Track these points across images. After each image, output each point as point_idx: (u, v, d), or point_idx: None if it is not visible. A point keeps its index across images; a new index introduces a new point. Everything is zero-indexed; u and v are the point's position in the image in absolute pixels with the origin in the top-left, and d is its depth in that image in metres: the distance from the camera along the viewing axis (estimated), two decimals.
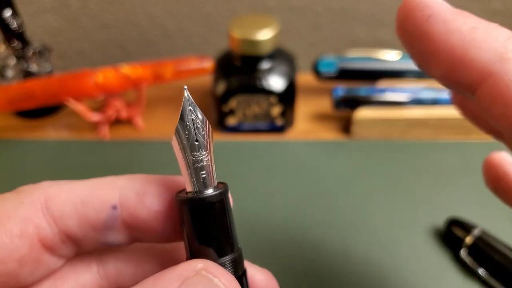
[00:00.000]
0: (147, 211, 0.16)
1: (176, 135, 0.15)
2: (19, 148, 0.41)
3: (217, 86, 0.41)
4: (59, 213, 0.15)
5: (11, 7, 0.40)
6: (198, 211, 0.15)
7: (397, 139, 0.41)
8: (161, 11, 0.52)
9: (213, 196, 0.15)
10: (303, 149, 0.41)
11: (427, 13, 0.14)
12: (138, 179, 0.16)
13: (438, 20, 0.14)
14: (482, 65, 0.13)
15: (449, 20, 0.14)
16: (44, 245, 0.15)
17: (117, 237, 0.16)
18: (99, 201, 0.16)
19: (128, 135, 0.43)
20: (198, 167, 0.15)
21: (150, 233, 0.16)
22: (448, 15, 0.14)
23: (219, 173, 0.16)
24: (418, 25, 0.14)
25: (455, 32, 0.13)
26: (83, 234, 0.16)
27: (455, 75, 0.14)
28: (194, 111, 0.15)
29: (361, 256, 0.31)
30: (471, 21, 0.14)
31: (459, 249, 0.30)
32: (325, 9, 0.52)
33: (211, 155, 0.16)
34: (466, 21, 0.14)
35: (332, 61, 0.43)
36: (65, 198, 0.16)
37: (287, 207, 0.34)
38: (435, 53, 0.14)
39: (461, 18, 0.14)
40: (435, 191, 0.36)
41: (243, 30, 0.38)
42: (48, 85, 0.41)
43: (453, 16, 0.14)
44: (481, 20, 0.14)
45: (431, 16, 0.14)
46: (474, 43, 0.13)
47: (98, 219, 0.16)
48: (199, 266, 0.14)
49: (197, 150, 0.15)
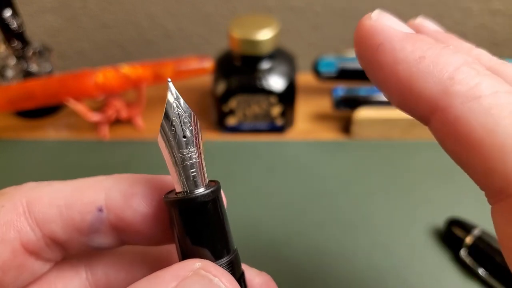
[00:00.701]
0: (134, 213, 0.15)
1: (162, 132, 0.14)
2: (19, 148, 0.41)
3: (217, 86, 0.41)
4: (42, 216, 0.15)
5: (11, 7, 0.40)
6: (190, 212, 0.14)
7: (397, 139, 0.41)
8: (161, 11, 0.52)
9: (205, 195, 0.14)
10: (303, 149, 0.41)
11: (377, 41, 0.13)
12: (125, 180, 0.16)
13: (387, 49, 0.13)
14: (428, 99, 0.12)
15: (397, 49, 0.13)
16: (28, 250, 0.15)
17: (104, 240, 0.16)
18: (84, 203, 0.15)
19: (128, 135, 0.43)
20: (187, 165, 0.14)
21: (138, 235, 0.16)
22: (397, 43, 0.13)
23: (219, 173, 0.16)
24: (369, 54, 0.13)
25: (402, 62, 0.13)
26: (68, 237, 0.15)
27: (407, 106, 0.13)
28: (180, 105, 0.14)
29: (361, 256, 0.31)
30: (420, 48, 0.13)
31: (459, 249, 0.30)
32: (325, 9, 0.52)
33: (200, 152, 0.15)
34: (415, 48, 0.13)
35: (332, 61, 0.43)
36: (49, 200, 0.15)
37: (287, 207, 0.34)
38: (386, 83, 0.13)
39: (410, 45, 0.13)
40: (435, 191, 0.36)
41: (243, 30, 0.38)
42: (48, 85, 0.41)
43: (401, 44, 0.13)
44: (433, 46, 0.13)
45: (381, 45, 0.13)
46: (420, 74, 0.12)
47: (84, 222, 0.15)
48: (197, 266, 0.13)
49: (185, 147, 0.14)
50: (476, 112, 0.11)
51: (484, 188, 0.12)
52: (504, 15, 0.50)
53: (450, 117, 0.12)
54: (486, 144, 0.11)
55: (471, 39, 0.53)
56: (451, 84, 0.12)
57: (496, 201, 0.12)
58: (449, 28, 0.60)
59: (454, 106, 0.12)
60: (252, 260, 0.18)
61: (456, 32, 0.16)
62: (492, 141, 0.11)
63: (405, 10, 0.50)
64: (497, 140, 0.11)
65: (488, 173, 0.11)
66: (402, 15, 0.47)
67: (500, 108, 0.11)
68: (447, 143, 0.12)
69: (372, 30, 0.13)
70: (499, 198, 0.12)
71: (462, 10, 0.50)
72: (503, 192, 0.11)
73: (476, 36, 0.52)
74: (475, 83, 0.12)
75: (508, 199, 0.11)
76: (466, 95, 0.12)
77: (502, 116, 0.11)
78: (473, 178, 0.12)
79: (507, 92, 0.12)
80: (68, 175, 0.17)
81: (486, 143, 0.11)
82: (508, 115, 0.11)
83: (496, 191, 0.12)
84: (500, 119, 0.11)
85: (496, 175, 0.11)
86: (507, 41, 0.53)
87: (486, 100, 0.11)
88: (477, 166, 0.12)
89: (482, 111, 0.11)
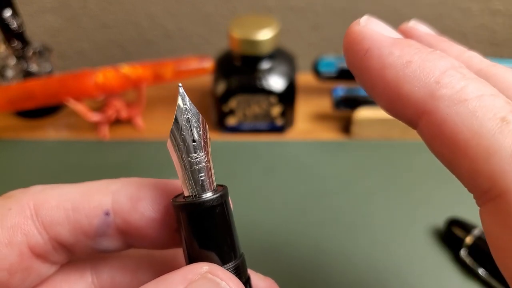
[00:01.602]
0: (141, 217, 0.15)
1: (172, 136, 0.14)
2: (19, 148, 0.41)
3: (217, 86, 0.41)
4: (50, 219, 0.15)
5: (11, 7, 0.40)
6: (198, 216, 0.14)
7: (397, 139, 0.41)
8: (161, 11, 0.52)
9: (213, 200, 0.14)
10: (303, 149, 0.41)
11: (365, 46, 0.13)
12: (132, 183, 0.16)
13: (374, 55, 0.13)
14: (416, 102, 0.12)
15: (385, 54, 0.13)
16: (35, 253, 0.15)
17: (111, 244, 0.16)
18: (91, 206, 0.15)
19: (128, 135, 0.43)
20: (196, 169, 0.14)
21: (145, 239, 0.16)
22: (385, 48, 0.13)
23: (219, 173, 0.16)
24: (357, 59, 0.14)
25: (389, 67, 0.13)
26: (75, 241, 0.15)
27: (395, 111, 0.13)
28: (190, 110, 0.14)
29: (361, 256, 0.31)
30: (407, 53, 0.13)
31: (459, 249, 0.30)
32: (325, 9, 0.52)
33: (209, 156, 0.15)
34: (402, 54, 0.13)
35: (332, 61, 0.43)
36: (56, 203, 0.15)
37: (287, 207, 0.34)
38: (374, 88, 0.13)
39: (397, 51, 0.13)
40: (435, 191, 0.36)
41: (243, 30, 0.38)
42: (48, 85, 0.41)
43: (389, 49, 0.13)
44: (420, 51, 0.13)
45: (368, 50, 0.13)
46: (407, 79, 0.12)
47: (90, 225, 0.15)
48: (205, 269, 0.13)
49: (195, 151, 0.14)
50: (462, 115, 0.12)
51: (471, 189, 0.12)
52: (504, 15, 0.50)
53: (436, 120, 0.12)
54: (471, 146, 0.11)
55: (471, 39, 0.53)
56: (437, 88, 0.12)
57: (484, 202, 0.12)
58: (449, 28, 0.60)
59: (440, 109, 0.12)
60: (252, 260, 0.18)
61: (456, 32, 0.16)
62: (478, 142, 0.11)
63: (405, 10, 0.50)
64: (482, 141, 0.11)
65: (474, 175, 0.12)
66: (402, 15, 0.47)
67: (485, 110, 0.11)
68: (434, 146, 0.13)
69: (360, 35, 0.14)
70: (486, 199, 0.12)
71: (462, 10, 0.50)
72: (490, 193, 0.11)
73: (476, 36, 0.52)
74: (461, 87, 0.12)
75: (494, 200, 0.11)
76: (452, 99, 0.12)
77: (487, 118, 0.11)
78: (461, 180, 0.13)
79: (492, 95, 0.12)
80: (68, 175, 0.17)
81: (472, 145, 0.11)
82: (492, 117, 0.11)
83: (482, 192, 0.12)
84: (485, 121, 0.11)
85: (482, 176, 0.11)
86: (507, 41, 0.53)
87: (472, 103, 0.11)
88: (464, 168, 0.12)
89: (468, 113, 0.11)
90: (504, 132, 0.11)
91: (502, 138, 0.11)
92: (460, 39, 0.52)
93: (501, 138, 0.11)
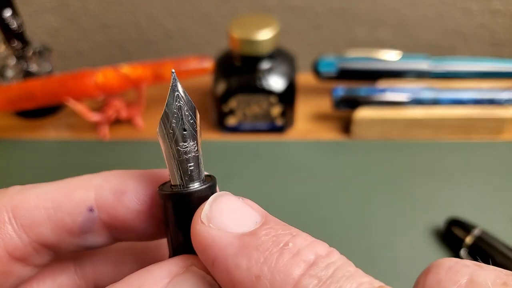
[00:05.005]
0: (126, 210, 0.15)
1: (162, 123, 0.14)
2: (19, 148, 0.41)
3: (217, 86, 0.41)
4: (29, 221, 0.14)
5: (11, 7, 0.40)
6: (185, 206, 0.14)
7: (397, 139, 0.41)
8: (161, 11, 0.52)
9: (202, 191, 0.14)
10: (303, 149, 0.41)
11: (211, 257, 0.12)
12: (115, 177, 0.15)
13: (221, 268, 0.12)
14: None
15: (231, 267, 0.11)
16: (14, 257, 0.14)
17: (97, 240, 0.15)
18: (73, 203, 0.15)
19: (128, 135, 0.43)
20: (185, 159, 0.14)
21: (132, 232, 0.15)
22: (231, 260, 0.12)
23: (219, 173, 0.16)
24: (210, 268, 0.12)
25: (239, 284, 0.11)
26: (59, 240, 0.15)
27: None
28: (182, 97, 0.14)
29: (361, 256, 0.30)
30: (256, 263, 0.11)
31: (459, 249, 0.30)
32: (325, 9, 0.52)
33: (199, 146, 0.14)
34: (249, 265, 0.11)
35: (332, 61, 0.43)
36: (35, 203, 0.14)
37: (287, 207, 0.34)
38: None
39: (245, 261, 0.11)
40: (435, 191, 0.36)
41: (243, 30, 0.38)
42: (48, 85, 0.41)
43: (235, 261, 0.11)
44: (270, 254, 0.11)
45: (215, 261, 0.12)
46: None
47: (74, 223, 0.15)
48: (190, 262, 0.13)
49: (184, 141, 0.14)
50: None
51: None
52: (504, 15, 0.50)
53: None
54: None
55: (471, 39, 0.53)
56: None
57: None
58: (449, 28, 0.60)
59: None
60: None
61: (456, 32, 0.16)
62: None
63: (405, 10, 0.50)
64: None
65: None
66: (402, 15, 0.47)
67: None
68: None
69: (203, 241, 0.12)
70: None
71: (462, 10, 0.50)
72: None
73: (476, 36, 0.52)
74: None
75: None
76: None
77: None
78: None
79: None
80: (68, 175, 0.16)
81: None
82: None
83: None
84: None
85: None
86: (507, 41, 0.53)
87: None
88: None
89: None
90: None
91: None
92: (460, 39, 0.52)
93: None
